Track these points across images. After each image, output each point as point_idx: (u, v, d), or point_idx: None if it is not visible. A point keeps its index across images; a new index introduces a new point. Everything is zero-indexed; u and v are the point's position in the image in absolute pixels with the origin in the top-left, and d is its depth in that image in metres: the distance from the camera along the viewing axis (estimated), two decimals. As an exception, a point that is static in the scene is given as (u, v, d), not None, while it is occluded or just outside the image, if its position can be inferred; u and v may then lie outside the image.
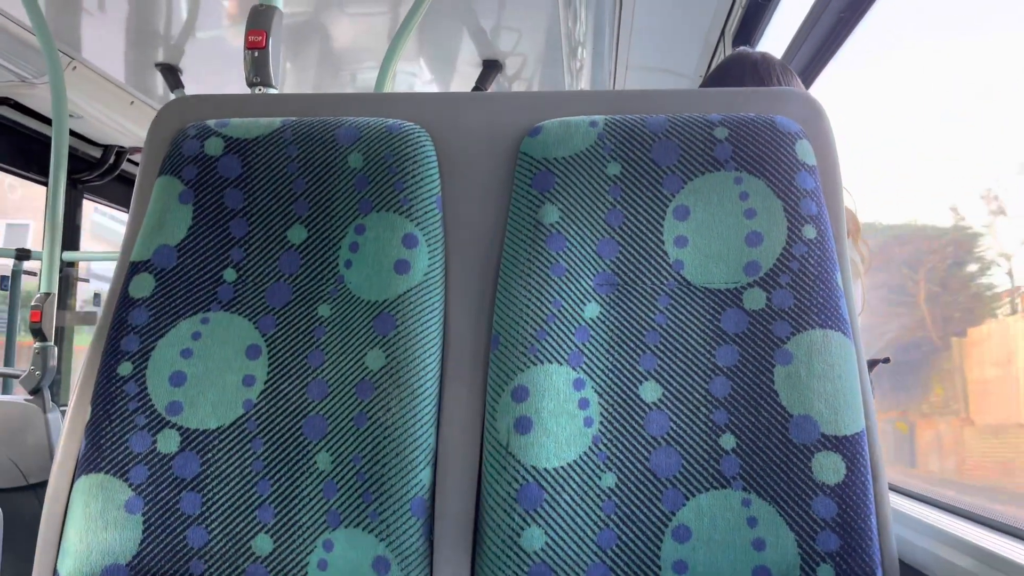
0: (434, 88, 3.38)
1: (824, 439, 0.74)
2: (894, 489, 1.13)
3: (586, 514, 0.74)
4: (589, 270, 0.82)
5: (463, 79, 3.25)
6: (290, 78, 3.27)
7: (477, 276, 0.86)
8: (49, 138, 3.57)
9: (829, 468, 0.74)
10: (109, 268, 4.43)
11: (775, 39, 2.32)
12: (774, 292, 0.80)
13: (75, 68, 3.05)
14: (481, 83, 3.12)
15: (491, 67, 3.08)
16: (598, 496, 0.75)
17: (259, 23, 1.41)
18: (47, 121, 3.55)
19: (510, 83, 3.29)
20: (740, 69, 1.30)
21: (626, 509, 0.75)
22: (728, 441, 0.76)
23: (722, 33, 2.57)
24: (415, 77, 3.30)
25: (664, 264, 0.82)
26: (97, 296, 4.41)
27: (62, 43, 2.90)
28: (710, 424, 0.77)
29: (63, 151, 2.60)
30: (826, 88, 1.95)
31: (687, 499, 0.75)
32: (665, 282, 0.82)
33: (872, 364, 1.20)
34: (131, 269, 0.85)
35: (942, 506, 0.99)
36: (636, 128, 0.85)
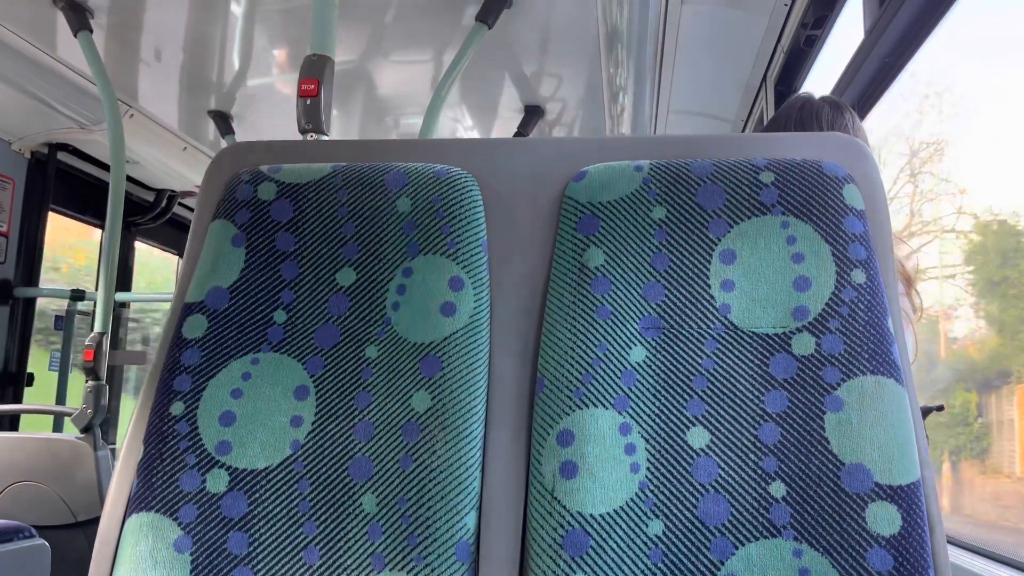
0: (476, 133, 3.43)
1: (878, 488, 0.73)
2: (951, 542, 1.09)
3: (633, 562, 0.73)
4: (635, 314, 0.82)
5: (505, 124, 3.30)
6: (336, 124, 3.35)
7: (522, 319, 0.87)
8: (104, 182, 3.70)
9: (884, 519, 0.72)
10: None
11: (818, 84, 2.32)
12: (823, 337, 0.78)
13: (132, 115, 3.17)
14: (523, 128, 3.16)
15: (533, 112, 3.13)
16: (645, 544, 0.74)
17: (312, 72, 1.45)
18: (102, 166, 3.68)
19: (551, 128, 3.33)
20: (786, 116, 1.29)
21: (673, 558, 0.73)
22: (778, 489, 0.74)
23: (764, 78, 2.58)
24: (458, 123, 3.36)
25: (711, 308, 0.81)
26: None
27: (120, 92, 3.02)
28: (759, 471, 0.75)
29: (120, 195, 2.69)
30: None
31: (736, 548, 0.73)
32: (712, 326, 0.81)
33: (926, 412, 1.18)
34: (185, 310, 0.87)
35: (1004, 560, 0.96)
36: (681, 172, 0.86)
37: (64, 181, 3.58)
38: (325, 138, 1.48)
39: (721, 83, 2.75)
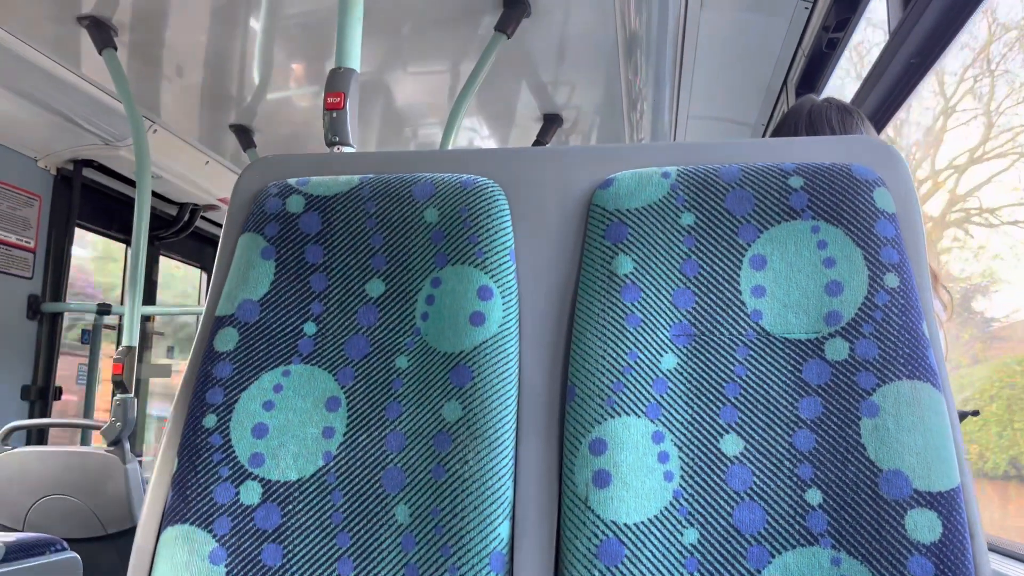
0: (494, 142, 3.44)
1: (917, 495, 0.72)
2: (991, 549, 1.07)
3: (668, 571, 0.73)
4: (665, 321, 0.81)
5: (523, 133, 3.30)
6: (356, 135, 3.37)
7: (551, 327, 0.86)
8: (128, 197, 3.75)
9: (924, 526, 0.71)
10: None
11: (840, 87, 2.31)
12: (857, 342, 0.78)
13: (155, 131, 3.21)
14: (542, 137, 3.16)
15: (552, 121, 3.13)
16: (680, 553, 0.73)
17: (337, 85, 1.46)
18: (127, 181, 3.73)
19: (569, 136, 3.33)
20: (794, 120, 1.28)
21: (709, 567, 0.73)
22: (814, 496, 0.74)
23: (785, 82, 2.57)
24: (475, 132, 3.37)
25: (742, 314, 0.81)
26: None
27: (144, 108, 3.06)
28: (795, 478, 0.74)
29: (145, 210, 2.72)
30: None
31: (773, 557, 0.72)
32: (744, 332, 0.80)
33: (961, 417, 1.16)
34: (216, 323, 0.88)
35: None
36: (709, 178, 0.85)
37: (89, 197, 3.63)
38: (351, 150, 1.49)
39: (741, 88, 2.74)
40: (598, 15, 2.30)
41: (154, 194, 3.84)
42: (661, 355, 0.80)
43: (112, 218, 3.82)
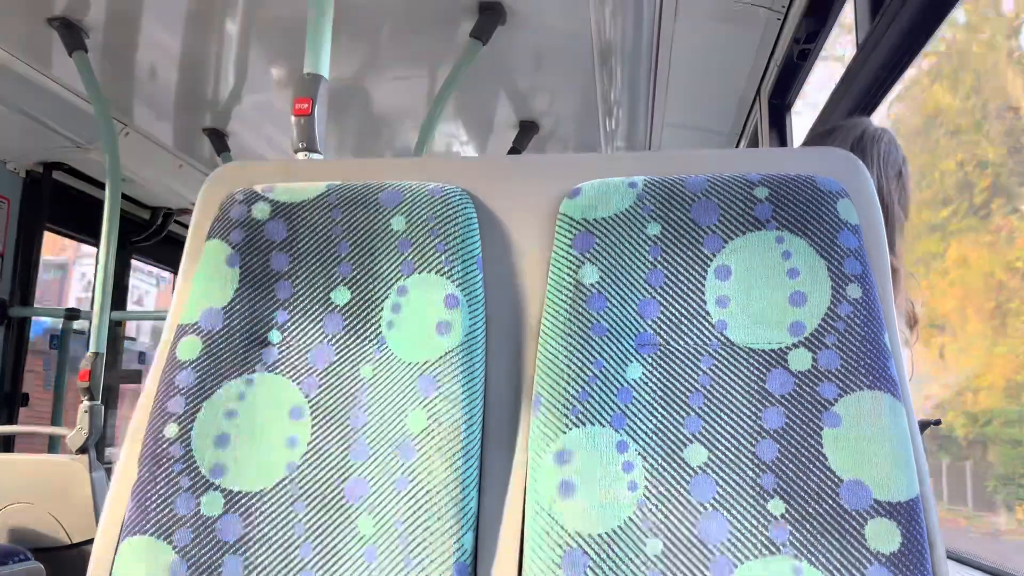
0: (471, 149, 3.44)
1: (877, 505, 0.72)
2: (952, 558, 1.08)
3: None
4: (630, 330, 0.82)
5: (500, 140, 3.31)
6: (332, 141, 3.36)
7: (518, 337, 0.86)
8: (100, 201, 3.70)
9: (884, 536, 0.71)
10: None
11: (811, 98, 2.33)
12: (820, 353, 0.78)
13: (127, 134, 3.17)
14: (518, 144, 3.17)
15: (528, 128, 3.14)
16: (644, 563, 0.73)
17: (305, 91, 1.46)
18: (98, 184, 3.68)
19: (545, 143, 3.34)
20: (844, 136, 1.28)
21: None
22: (777, 506, 0.74)
23: (757, 92, 2.59)
24: (453, 138, 3.37)
25: (707, 324, 0.81)
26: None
27: (115, 110, 3.03)
28: (758, 488, 0.75)
29: (115, 213, 2.69)
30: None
31: (736, 566, 0.73)
32: (708, 343, 0.81)
33: (923, 426, 1.17)
34: (179, 331, 0.87)
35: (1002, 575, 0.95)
36: (675, 188, 0.86)
37: (59, 200, 3.58)
38: (319, 157, 1.48)
39: (715, 97, 2.76)
40: (573, 23, 2.31)
41: (126, 198, 3.79)
42: (626, 365, 0.80)
43: (83, 221, 3.77)
